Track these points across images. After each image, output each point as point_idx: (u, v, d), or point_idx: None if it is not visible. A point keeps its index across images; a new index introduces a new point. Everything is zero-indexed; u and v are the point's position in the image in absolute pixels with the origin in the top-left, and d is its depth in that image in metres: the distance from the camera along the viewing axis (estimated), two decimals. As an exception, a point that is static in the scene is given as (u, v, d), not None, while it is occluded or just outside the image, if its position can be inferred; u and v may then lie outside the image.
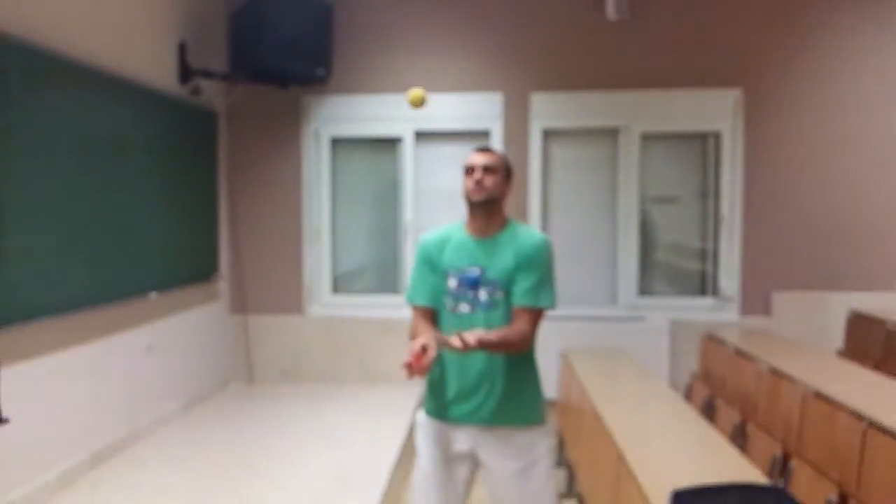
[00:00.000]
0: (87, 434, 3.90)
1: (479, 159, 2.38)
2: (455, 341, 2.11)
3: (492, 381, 2.34)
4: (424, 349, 2.09)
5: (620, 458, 2.45)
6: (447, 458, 2.42)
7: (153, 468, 3.95)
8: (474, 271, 2.36)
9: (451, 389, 2.38)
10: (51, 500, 3.49)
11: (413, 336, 2.32)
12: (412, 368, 2.07)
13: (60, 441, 3.68)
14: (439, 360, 2.43)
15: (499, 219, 2.43)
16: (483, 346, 2.16)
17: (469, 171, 2.39)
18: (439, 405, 2.43)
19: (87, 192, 3.81)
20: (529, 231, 2.45)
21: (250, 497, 3.52)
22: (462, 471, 2.43)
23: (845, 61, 5.37)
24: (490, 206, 2.38)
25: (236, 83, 5.40)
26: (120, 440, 4.18)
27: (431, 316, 2.44)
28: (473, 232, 2.42)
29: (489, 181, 2.36)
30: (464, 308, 2.36)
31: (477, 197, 2.36)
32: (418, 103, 2.42)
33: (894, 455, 2.35)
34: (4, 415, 3.03)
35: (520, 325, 2.32)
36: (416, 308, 2.46)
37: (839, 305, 5.11)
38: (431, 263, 2.44)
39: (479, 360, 2.32)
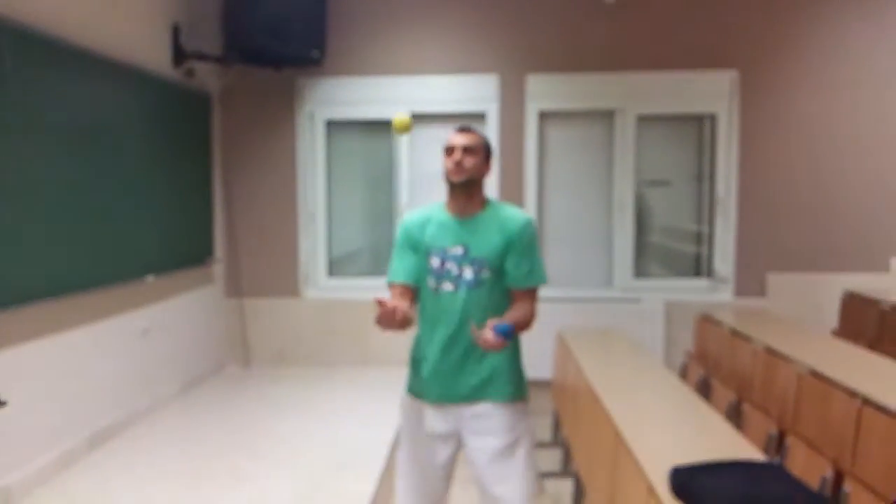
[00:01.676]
0: (85, 416, 3.91)
1: (460, 140, 2.37)
2: (488, 336, 2.10)
3: (477, 358, 2.35)
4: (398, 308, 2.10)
5: (618, 437, 2.47)
6: (430, 438, 2.44)
7: (151, 450, 3.96)
8: (458, 250, 2.37)
9: (434, 369, 2.39)
10: (50, 481, 3.50)
11: None
12: (384, 307, 2.07)
13: (59, 423, 3.69)
14: (421, 339, 2.45)
15: (479, 198, 2.43)
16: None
17: (449, 151, 2.38)
18: (422, 385, 2.44)
19: (82, 175, 3.80)
20: (512, 210, 2.45)
21: (248, 478, 3.54)
22: (445, 450, 2.45)
23: (841, 43, 5.36)
24: (470, 186, 2.38)
25: (230, 65, 5.36)
26: (118, 422, 4.19)
27: (410, 295, 2.43)
28: (455, 212, 2.42)
29: (469, 162, 2.36)
30: (447, 287, 2.36)
31: (457, 178, 2.36)
32: (403, 128, 2.38)
33: (888, 432, 2.38)
34: (3, 397, 3.03)
35: (527, 306, 2.38)
36: (394, 286, 2.44)
37: (833, 286, 5.14)
38: (413, 243, 2.43)
39: (463, 339, 2.34)
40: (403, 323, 2.15)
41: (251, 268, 5.79)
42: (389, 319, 2.10)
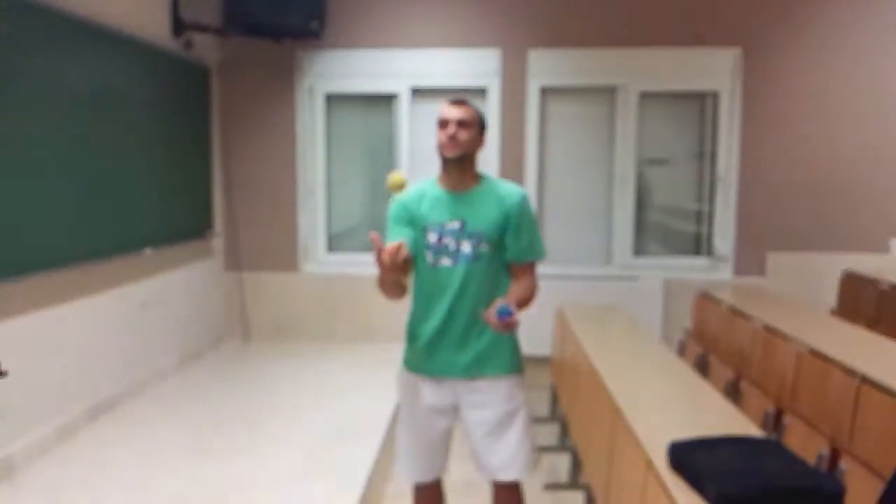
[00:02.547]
0: (85, 388, 3.92)
1: (454, 113, 2.31)
2: (494, 321, 2.13)
3: (476, 333, 2.36)
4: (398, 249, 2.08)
5: (616, 412, 2.48)
6: (428, 411, 2.44)
7: (151, 423, 3.98)
8: (455, 225, 2.35)
9: (432, 344, 2.39)
10: (50, 452, 3.52)
11: (383, 287, 2.30)
12: (385, 255, 2.06)
13: (59, 394, 3.70)
14: (418, 314, 2.44)
15: (472, 173, 2.40)
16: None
17: (443, 124, 2.33)
18: (419, 359, 2.44)
19: (80, 146, 3.77)
20: (508, 185, 2.44)
21: (248, 450, 3.56)
22: (443, 423, 2.46)
23: (845, 21, 5.31)
24: (464, 161, 2.35)
25: (229, 37, 5.31)
26: (118, 394, 4.20)
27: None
28: (449, 186, 2.39)
29: (463, 136, 2.31)
30: (445, 262, 2.35)
31: (451, 153, 2.31)
32: (397, 187, 2.31)
33: (886, 410, 2.39)
34: (3, 367, 3.03)
35: (529, 279, 2.41)
36: None
37: (832, 266, 5.13)
38: (410, 217, 2.39)
39: (462, 314, 2.34)
40: (405, 267, 2.17)
41: (250, 242, 5.78)
42: (391, 259, 2.06)
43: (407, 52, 5.54)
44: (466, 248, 2.34)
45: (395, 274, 2.15)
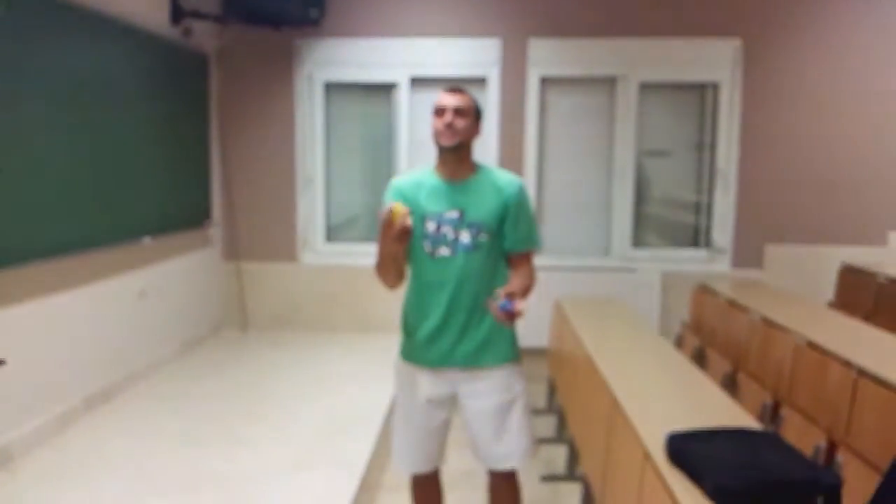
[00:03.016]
0: (82, 377, 3.91)
1: (451, 101, 2.30)
2: (497, 312, 2.14)
3: (476, 323, 2.35)
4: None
5: (614, 404, 2.48)
6: (425, 402, 2.44)
7: (148, 412, 3.98)
8: (453, 214, 2.34)
9: (433, 334, 2.38)
10: (48, 441, 3.52)
11: (382, 268, 2.35)
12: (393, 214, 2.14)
13: (57, 383, 3.70)
14: (416, 305, 2.44)
15: (469, 162, 2.39)
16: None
17: (439, 112, 2.31)
18: (418, 350, 2.43)
19: (78, 134, 3.75)
20: (505, 174, 2.43)
21: (245, 440, 3.56)
22: (440, 414, 2.46)
23: (846, 14, 5.30)
24: (461, 149, 2.33)
25: (228, 25, 5.28)
26: (115, 384, 4.20)
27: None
28: (446, 176, 2.38)
29: (460, 124, 2.29)
30: (444, 251, 2.34)
31: (448, 142, 2.30)
32: (399, 218, 2.28)
33: (883, 403, 2.39)
34: (1, 356, 3.03)
35: (528, 268, 2.42)
36: None
37: (831, 259, 5.14)
38: (410, 206, 2.34)
39: (463, 304, 2.34)
40: (407, 237, 2.21)
41: (249, 232, 5.77)
42: (399, 223, 2.14)
43: (406, 41, 5.52)
44: (465, 237, 2.33)
45: (400, 244, 2.19)
